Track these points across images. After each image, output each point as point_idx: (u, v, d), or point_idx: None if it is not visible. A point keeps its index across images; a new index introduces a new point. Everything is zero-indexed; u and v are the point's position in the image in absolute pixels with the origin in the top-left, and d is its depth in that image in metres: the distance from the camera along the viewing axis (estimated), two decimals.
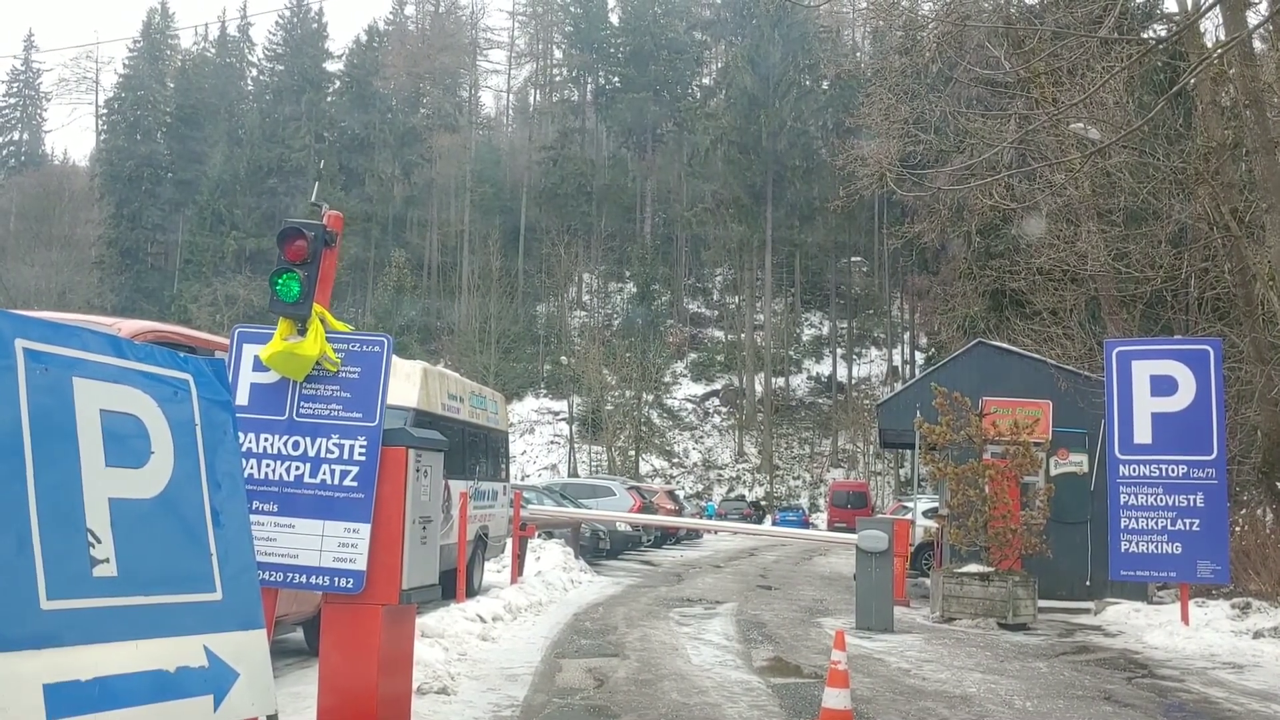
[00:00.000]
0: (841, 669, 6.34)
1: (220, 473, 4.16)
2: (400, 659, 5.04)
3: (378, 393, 4.81)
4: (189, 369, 4.15)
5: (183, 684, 3.77)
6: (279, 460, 4.76)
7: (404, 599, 4.84)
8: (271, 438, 4.76)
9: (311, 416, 4.79)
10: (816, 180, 64.09)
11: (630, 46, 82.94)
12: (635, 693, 7.49)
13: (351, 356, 4.83)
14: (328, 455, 4.74)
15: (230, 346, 4.94)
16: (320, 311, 4.76)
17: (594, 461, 60.37)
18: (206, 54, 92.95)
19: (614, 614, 12.45)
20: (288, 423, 4.79)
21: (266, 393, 4.79)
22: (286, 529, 4.68)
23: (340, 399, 4.79)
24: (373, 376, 4.82)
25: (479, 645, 8.97)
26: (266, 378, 4.81)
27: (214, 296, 67.68)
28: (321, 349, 4.73)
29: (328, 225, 4.83)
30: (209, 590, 3.99)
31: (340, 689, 4.69)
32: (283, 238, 4.77)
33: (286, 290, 4.68)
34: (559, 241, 69.52)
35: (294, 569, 4.69)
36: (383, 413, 4.81)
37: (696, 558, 25.81)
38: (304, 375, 4.77)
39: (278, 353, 4.71)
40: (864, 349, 70.45)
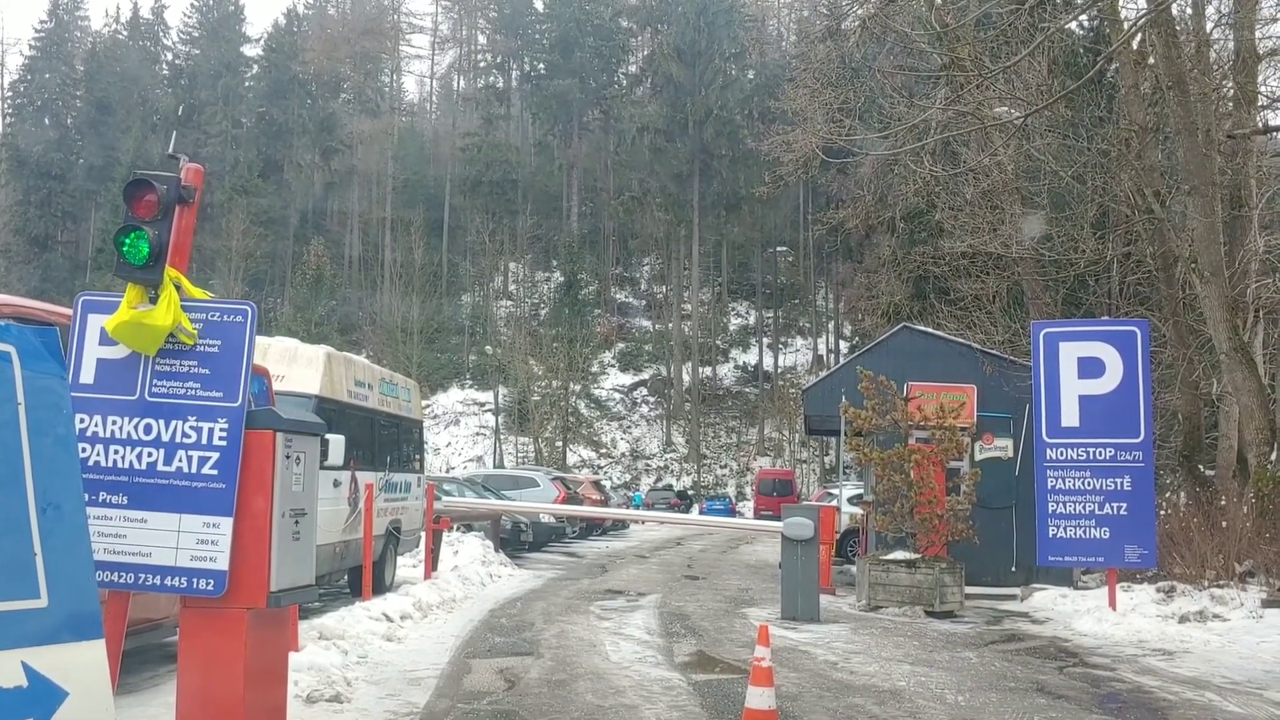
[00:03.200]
0: (765, 666, 5.93)
1: (49, 459, 3.59)
2: (272, 668, 4.50)
3: (241, 369, 4.26)
4: (10, 340, 3.57)
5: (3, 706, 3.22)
6: (129, 445, 4.19)
7: (272, 602, 4.30)
8: (120, 420, 4.19)
9: (166, 396, 4.23)
10: (743, 169, 63.98)
11: (555, 33, 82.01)
12: (547, 695, 7.02)
13: (210, 327, 4.27)
14: (184, 440, 4.19)
15: (74, 316, 4.35)
16: (175, 276, 4.19)
17: (521, 453, 59.67)
18: (119, 36, 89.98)
19: (532, 609, 11.96)
20: (139, 403, 4.22)
21: (114, 369, 4.22)
22: (138, 524, 4.13)
23: (198, 376, 4.23)
24: (235, 350, 4.27)
25: (383, 646, 8.42)
26: (114, 352, 4.23)
27: None
28: (176, 319, 4.16)
29: (184, 179, 4.25)
30: (31, 596, 3.42)
31: (202, 702, 4.15)
32: (130, 191, 4.19)
33: (134, 251, 4.11)
34: (484, 230, 68.60)
35: (146, 569, 4.14)
36: (246, 392, 4.26)
37: (622, 548, 25.39)
38: (156, 349, 4.20)
39: (124, 322, 4.14)
40: (790, 338, 70.72)
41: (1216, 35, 17.27)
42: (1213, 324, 14.49)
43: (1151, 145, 17.74)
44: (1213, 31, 17.07)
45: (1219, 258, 14.34)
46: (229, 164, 74.81)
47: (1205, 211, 14.18)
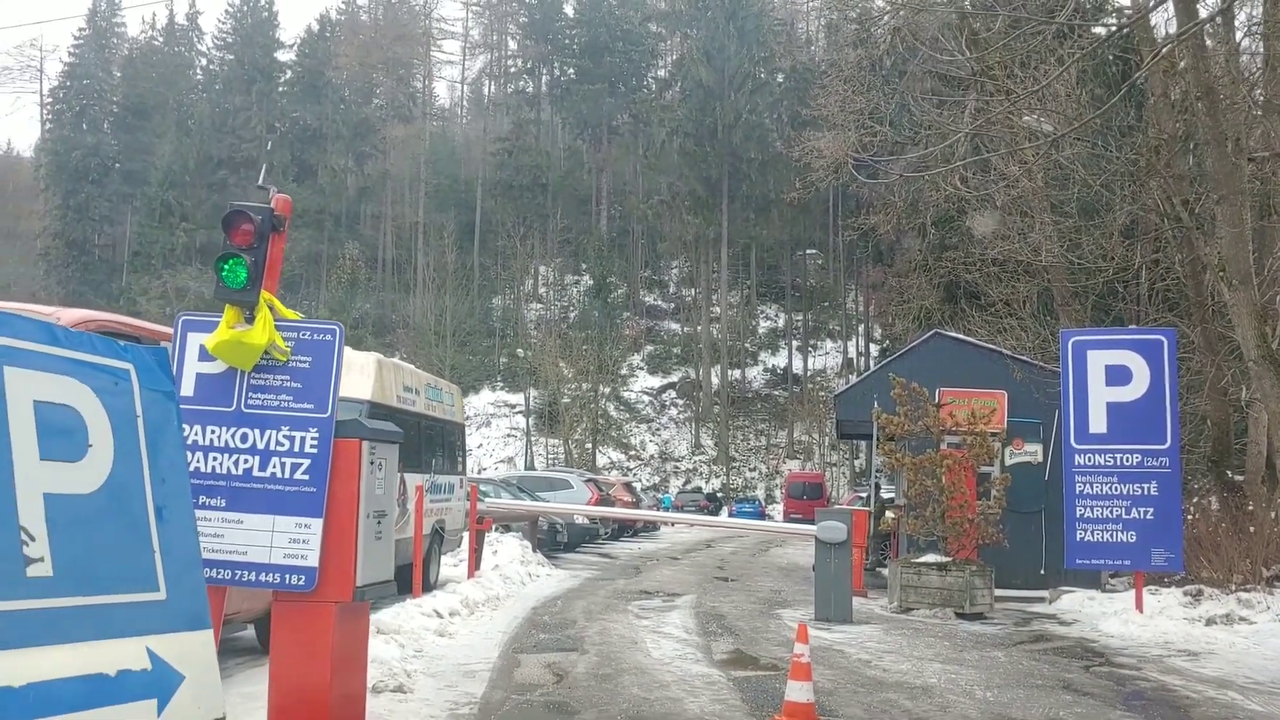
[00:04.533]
0: (804, 661, 6.28)
1: (164, 466, 3.98)
2: (354, 658, 4.89)
3: (330, 383, 4.65)
4: (130, 358, 3.97)
5: (124, 688, 3.60)
6: (227, 453, 4.59)
7: (358, 596, 4.70)
8: (219, 430, 4.59)
9: (261, 408, 4.62)
10: (772, 173, 64.23)
11: (585, 38, 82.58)
12: (595, 688, 7.38)
13: (302, 345, 4.67)
14: (278, 448, 4.58)
15: (174, 335, 4.76)
16: (268, 298, 4.59)
17: (551, 454, 60.17)
18: (154, 43, 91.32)
19: (572, 608, 12.34)
20: (236, 414, 4.62)
21: (213, 383, 4.62)
22: (235, 524, 4.52)
23: (290, 389, 4.63)
24: (324, 366, 4.66)
25: (436, 641, 8.82)
26: (213, 367, 4.64)
27: (164, 289, 66.62)
28: (270, 337, 4.56)
29: (276, 209, 4.66)
30: (152, 589, 3.82)
31: (292, 689, 4.54)
32: (228, 221, 4.60)
33: (233, 276, 4.51)
34: (514, 234, 69.16)
35: (243, 566, 4.53)
36: (335, 404, 4.65)
37: (654, 550, 25.75)
38: (252, 365, 4.60)
39: (224, 341, 4.54)
40: (819, 341, 70.82)
41: (1246, 44, 17.44)
42: (1241, 331, 14.65)
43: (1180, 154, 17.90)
44: (1242, 40, 17.24)
45: (1248, 265, 14.51)
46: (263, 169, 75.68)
47: (1234, 220, 14.35)
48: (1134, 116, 19.72)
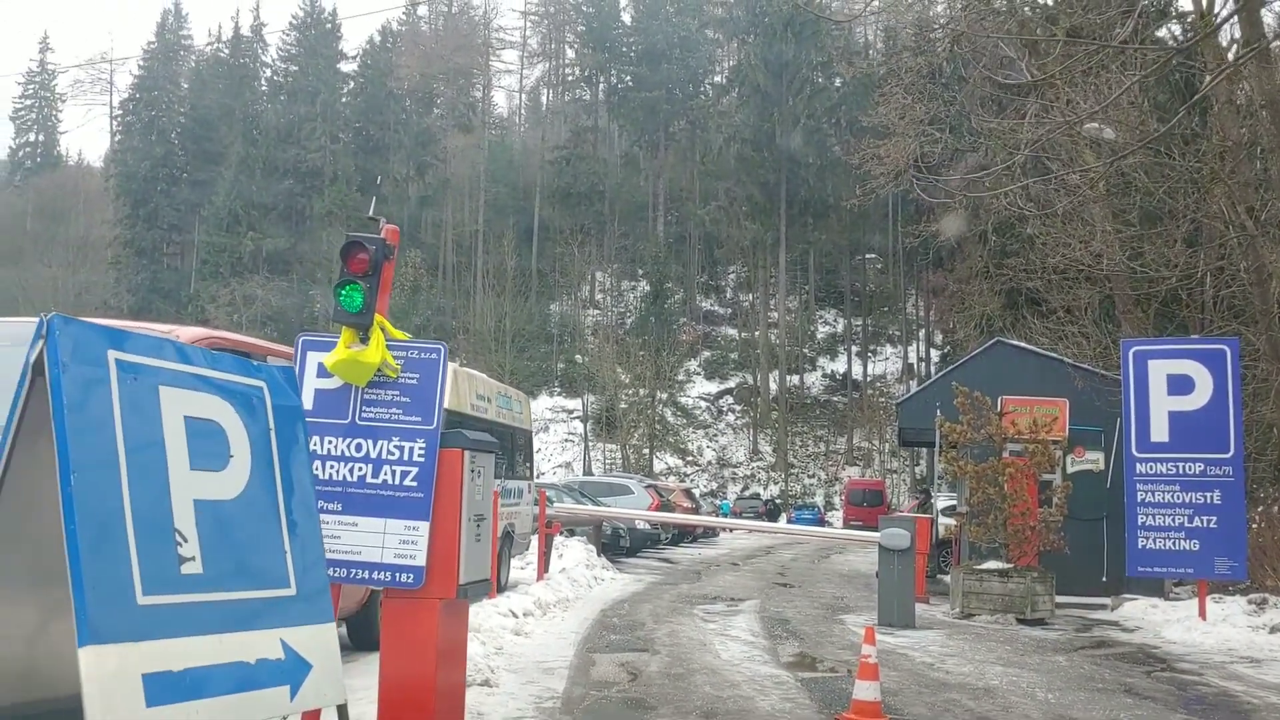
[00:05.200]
0: (872, 662, 6.57)
1: (292, 474, 4.40)
2: (456, 651, 5.29)
3: (435, 398, 5.06)
4: (263, 377, 4.40)
5: (262, 675, 4.01)
6: (342, 461, 5.00)
7: (461, 594, 5.09)
8: (335, 440, 5.00)
9: (373, 420, 5.03)
10: (831, 177, 64.23)
11: (642, 45, 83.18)
12: (669, 686, 7.72)
13: (410, 363, 5.07)
14: (388, 457, 4.98)
15: (295, 354, 5.19)
16: (380, 320, 5.00)
17: (608, 459, 60.62)
18: (220, 54, 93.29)
19: (640, 610, 12.69)
20: (350, 426, 5.03)
21: (330, 398, 5.04)
22: (350, 527, 4.93)
23: (400, 403, 5.03)
24: (430, 382, 5.07)
25: (513, 640, 9.21)
26: (330, 383, 5.05)
27: (232, 296, 68.10)
28: (382, 356, 4.97)
29: (387, 239, 5.08)
30: (284, 586, 4.23)
31: (401, 679, 4.94)
32: (345, 251, 5.02)
33: (350, 301, 4.92)
34: (572, 240, 69.78)
35: (357, 565, 4.94)
36: (440, 416, 5.05)
37: (714, 555, 26.03)
38: (366, 381, 5.01)
39: (342, 360, 4.96)
40: (879, 346, 70.52)
41: None
42: None
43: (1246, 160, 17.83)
44: None
45: None
46: (328, 178, 77.27)
47: None
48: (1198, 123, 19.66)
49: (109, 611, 3.37)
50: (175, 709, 3.53)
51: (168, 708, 3.50)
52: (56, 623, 4.09)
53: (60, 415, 3.39)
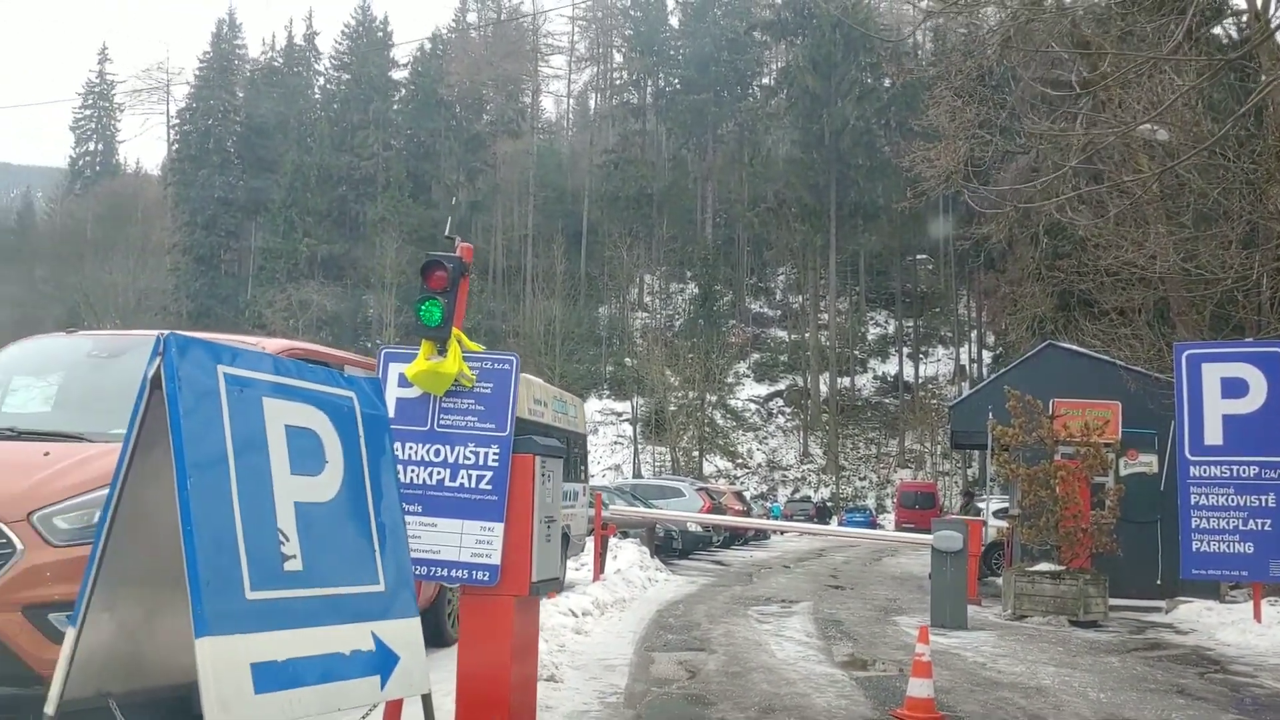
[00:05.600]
0: (925, 660, 6.77)
1: (380, 478, 4.71)
2: (528, 646, 5.57)
3: (508, 406, 5.35)
4: (353, 388, 4.71)
5: (355, 666, 4.31)
6: (422, 466, 5.31)
7: (533, 591, 5.38)
8: (415, 446, 5.31)
9: (450, 427, 5.33)
10: (880, 178, 64.09)
11: (690, 49, 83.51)
12: (727, 683, 7.96)
13: (485, 374, 5.37)
14: (465, 462, 5.28)
15: (378, 365, 5.51)
16: (457, 334, 5.30)
17: (658, 462, 60.91)
18: (274, 64, 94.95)
19: (695, 611, 12.94)
20: (429, 433, 5.34)
21: (410, 406, 5.35)
22: (429, 527, 5.23)
23: (475, 411, 5.33)
24: (503, 392, 5.36)
25: (575, 638, 9.50)
26: (410, 393, 5.37)
27: (288, 301, 69.24)
28: (459, 367, 5.27)
29: (463, 257, 5.39)
30: (374, 583, 4.54)
31: (478, 672, 5.22)
32: (425, 269, 5.33)
33: (429, 316, 5.23)
34: (621, 244, 70.18)
35: (437, 563, 5.24)
36: (513, 424, 5.35)
37: (766, 558, 26.19)
38: (443, 391, 5.32)
39: (422, 371, 5.27)
40: (930, 348, 70.19)
41: None
42: None
43: None
44: None
45: None
46: (380, 185, 78.34)
47: None
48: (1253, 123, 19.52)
49: (222, 605, 3.68)
50: (279, 696, 3.84)
51: (273, 695, 3.81)
52: (160, 617, 4.43)
53: (177, 425, 3.71)
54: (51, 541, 4.94)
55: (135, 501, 4.08)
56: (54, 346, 6.92)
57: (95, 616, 4.09)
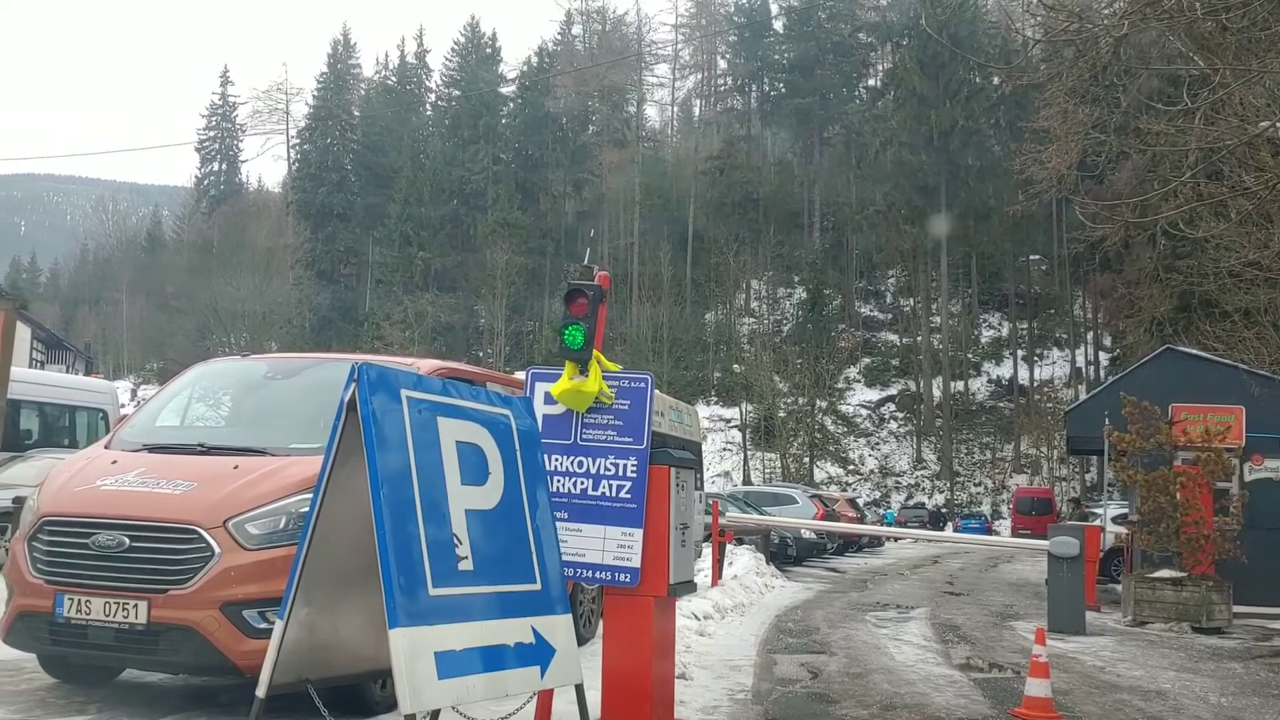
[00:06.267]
0: (1043, 661, 7.02)
1: (534, 487, 5.21)
2: (666, 644, 6.01)
3: (644, 421, 5.80)
4: (509, 406, 5.22)
5: (518, 656, 4.80)
6: (567, 476, 5.80)
7: (671, 592, 5.82)
8: (560, 458, 5.80)
9: (592, 441, 5.81)
10: (991, 179, 63.11)
11: (795, 53, 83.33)
12: (849, 683, 8.30)
13: (622, 391, 5.84)
14: (606, 473, 5.75)
15: (525, 385, 6.03)
16: (597, 355, 5.78)
17: (767, 469, 60.91)
18: (388, 82, 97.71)
19: (813, 616, 13.24)
20: (573, 446, 5.83)
21: (555, 422, 5.85)
22: (575, 533, 5.71)
23: (614, 426, 5.80)
24: (640, 408, 5.82)
25: (699, 640, 9.92)
26: (555, 410, 5.86)
27: (404, 314, 71.19)
28: (599, 386, 5.75)
29: (600, 285, 5.87)
30: (532, 582, 5.02)
31: (621, 668, 5.68)
32: (568, 296, 5.83)
33: (572, 339, 5.72)
34: (727, 249, 70.37)
35: (582, 565, 5.72)
36: (649, 437, 5.80)
37: (880, 565, 26.25)
38: (585, 407, 5.80)
39: (566, 390, 5.76)
40: (1046, 350, 68.67)
41: None
42: None
43: None
44: None
45: None
46: (490, 198, 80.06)
47: None
48: None
49: (410, 600, 4.20)
50: (458, 681, 4.35)
51: (453, 680, 4.32)
52: (335, 614, 5.00)
53: (370, 443, 4.25)
54: (244, 546, 5.56)
55: (329, 511, 4.65)
56: (233, 368, 7.63)
57: (294, 611, 4.66)
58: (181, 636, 5.44)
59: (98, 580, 5.56)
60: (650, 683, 5.66)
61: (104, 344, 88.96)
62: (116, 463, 6.11)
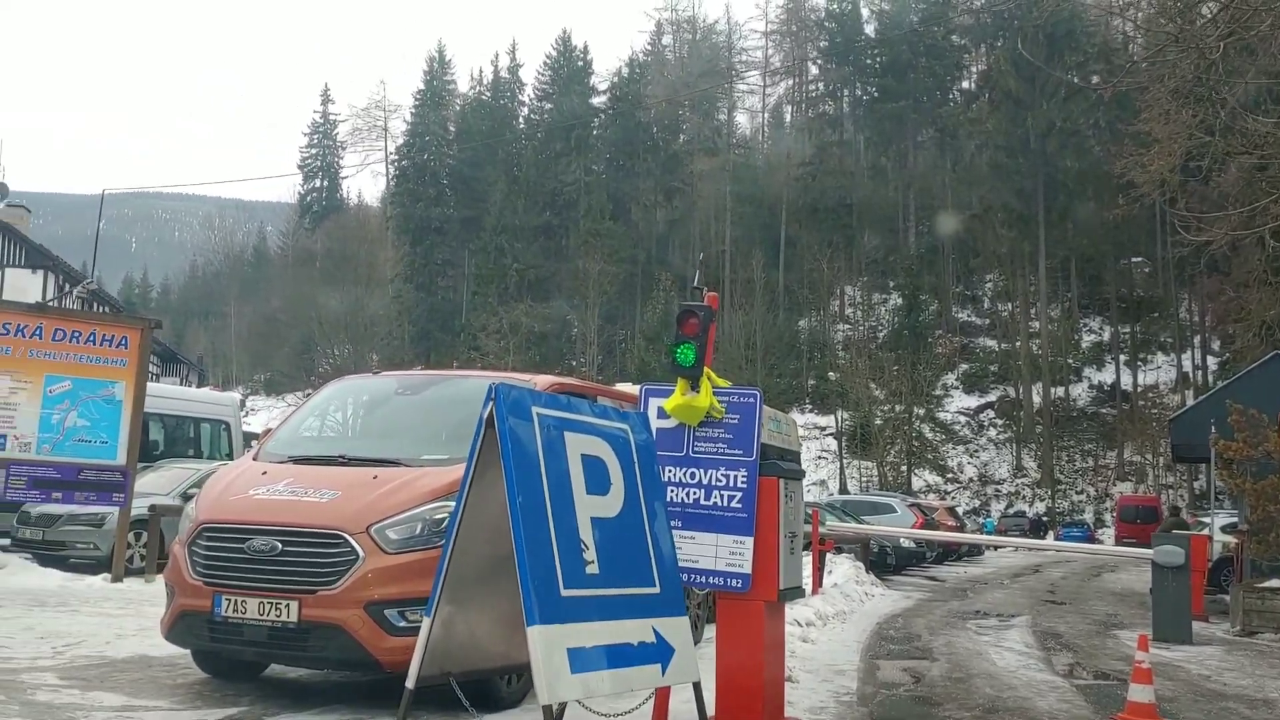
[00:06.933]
0: (1145, 667, 7.13)
1: (651, 496, 5.57)
2: (776, 648, 6.30)
3: (754, 434, 6.11)
4: (627, 421, 5.60)
5: (641, 654, 5.15)
6: (680, 487, 6.14)
7: (781, 597, 6.12)
8: (674, 469, 6.14)
9: (704, 453, 6.14)
10: (1091, 181, 61.83)
11: (887, 57, 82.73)
12: (951, 687, 8.48)
13: (732, 406, 6.16)
14: (717, 483, 6.08)
15: (640, 400, 6.39)
16: (707, 372, 6.12)
17: (864, 477, 60.50)
18: (482, 97, 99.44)
19: (914, 624, 13.37)
20: (685, 458, 6.16)
21: (668, 435, 6.19)
22: (689, 540, 6.04)
23: (724, 439, 6.12)
24: (749, 422, 6.14)
25: (802, 645, 10.17)
26: (668, 423, 6.21)
27: (500, 325, 72.37)
28: (710, 401, 6.08)
29: (709, 305, 6.21)
30: (651, 585, 5.38)
31: (733, 670, 5.99)
32: (680, 318, 6.17)
33: (684, 357, 6.05)
34: (820, 255, 70.08)
35: (696, 571, 6.05)
36: (759, 450, 6.11)
37: (980, 574, 26.06)
38: (697, 422, 6.13)
39: (679, 405, 6.10)
40: (1150, 355, 66.94)
41: None
42: None
43: None
44: None
45: None
46: (582, 209, 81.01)
47: None
48: None
49: (545, 600, 4.58)
50: (588, 676, 4.72)
51: (584, 675, 4.69)
52: (465, 612, 5.40)
53: (508, 456, 4.66)
54: (385, 550, 6.02)
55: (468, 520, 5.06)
56: (365, 385, 8.16)
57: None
58: (329, 634, 5.91)
59: (253, 582, 6.06)
60: (762, 683, 5.96)
61: (213, 356, 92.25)
62: (266, 473, 6.64)
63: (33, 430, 12.48)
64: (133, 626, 9.14)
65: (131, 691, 6.52)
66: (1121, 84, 23.17)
